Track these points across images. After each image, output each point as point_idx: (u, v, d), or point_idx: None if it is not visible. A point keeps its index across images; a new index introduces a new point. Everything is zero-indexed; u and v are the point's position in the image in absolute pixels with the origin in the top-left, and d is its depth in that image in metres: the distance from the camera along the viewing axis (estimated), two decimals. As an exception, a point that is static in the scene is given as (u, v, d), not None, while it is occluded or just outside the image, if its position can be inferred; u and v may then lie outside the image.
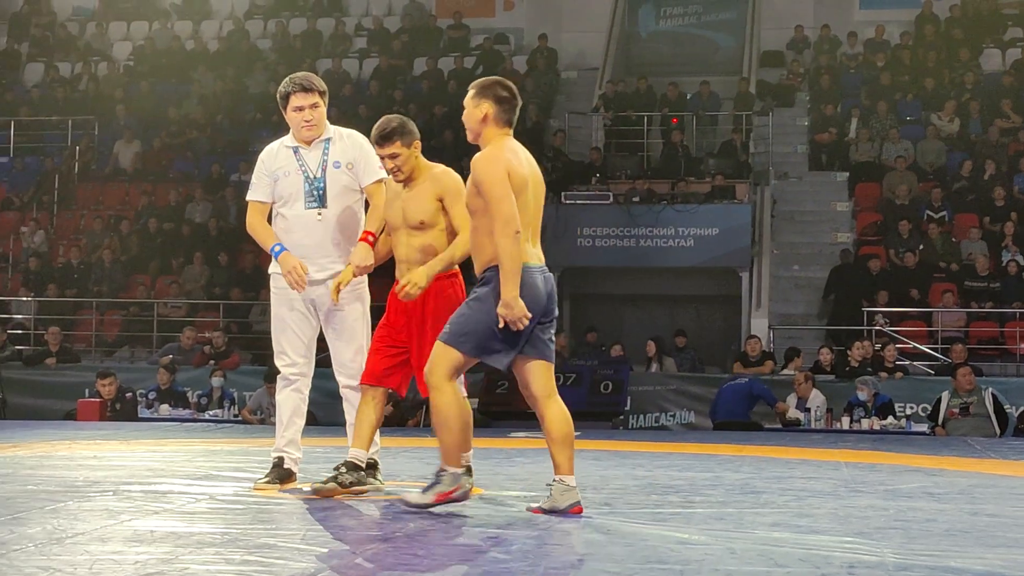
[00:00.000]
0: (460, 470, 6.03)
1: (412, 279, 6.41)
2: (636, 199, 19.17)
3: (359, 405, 6.69)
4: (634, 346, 18.13)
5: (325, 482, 6.55)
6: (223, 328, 17.87)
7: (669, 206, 19.15)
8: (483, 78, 6.27)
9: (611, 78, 22.98)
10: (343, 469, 6.59)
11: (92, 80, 24.77)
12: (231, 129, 23.12)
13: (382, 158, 6.60)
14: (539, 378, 6.09)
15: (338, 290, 6.72)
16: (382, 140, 6.55)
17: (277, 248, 6.83)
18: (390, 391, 6.72)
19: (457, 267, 6.65)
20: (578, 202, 19.04)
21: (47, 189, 22.16)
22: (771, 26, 24.10)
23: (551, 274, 6.15)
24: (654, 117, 21.84)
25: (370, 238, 6.74)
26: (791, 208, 20.79)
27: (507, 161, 5.93)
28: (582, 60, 24.86)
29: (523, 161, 6.03)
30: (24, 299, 19.53)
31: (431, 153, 7.21)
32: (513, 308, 5.80)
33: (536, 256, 6.02)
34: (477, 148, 6.16)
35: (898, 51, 23.26)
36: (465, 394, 6.14)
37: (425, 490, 6.05)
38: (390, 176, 6.64)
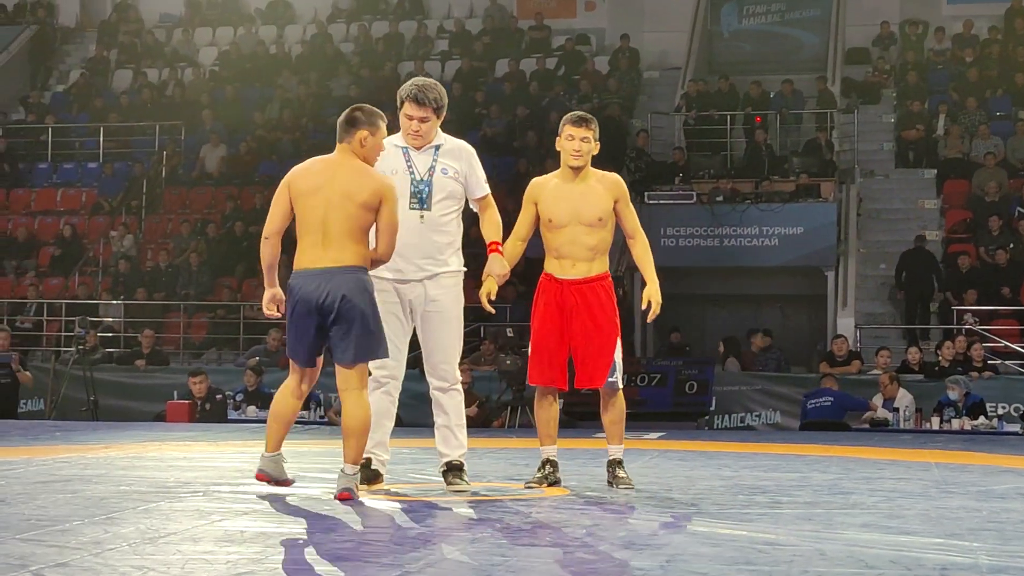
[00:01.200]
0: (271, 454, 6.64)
1: (656, 299, 6.94)
2: (719, 198, 19.06)
3: (536, 407, 7.09)
4: (717, 346, 18.04)
5: (537, 482, 6.93)
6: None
7: (753, 205, 19.02)
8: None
9: (693, 77, 22.87)
10: (549, 468, 7.01)
11: (178, 86, 25.07)
12: (315, 132, 23.28)
13: (572, 138, 6.95)
14: (338, 376, 6.49)
15: (486, 299, 6.92)
16: (580, 121, 7.00)
17: None
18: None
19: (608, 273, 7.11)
20: (661, 202, 18.96)
21: (135, 194, 22.46)
22: (856, 23, 23.87)
23: (338, 276, 6.33)
24: (737, 116, 21.71)
25: (499, 248, 6.96)
26: (878, 206, 20.57)
27: (292, 174, 6.56)
28: (664, 60, 24.76)
29: (315, 171, 6.53)
30: (113, 302, 19.81)
31: (514, 152, 7.32)
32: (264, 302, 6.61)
33: (315, 260, 6.34)
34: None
35: (987, 46, 22.93)
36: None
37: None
38: (571, 158, 6.95)
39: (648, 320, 7.05)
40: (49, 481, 7.25)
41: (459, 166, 6.94)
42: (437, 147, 6.96)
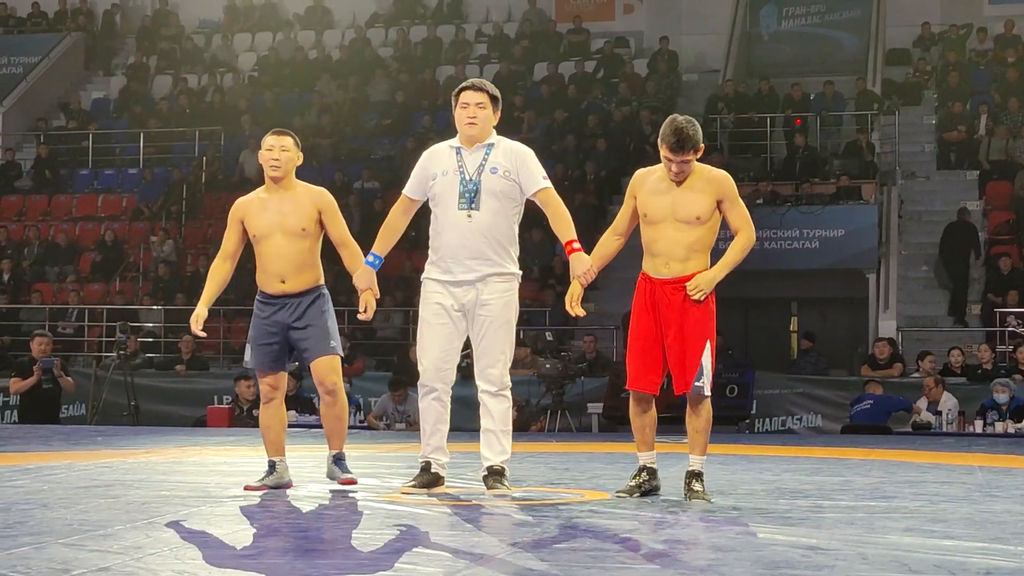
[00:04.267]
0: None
1: (700, 286, 6.58)
2: (760, 201, 18.99)
3: (632, 412, 6.83)
4: (759, 350, 17.95)
5: (628, 491, 6.78)
6: (347, 334, 18.02)
7: (793, 208, 18.93)
8: None
9: (732, 79, 22.80)
10: (645, 475, 6.79)
11: (218, 91, 25.19)
12: (354, 137, 23.35)
13: (671, 161, 6.63)
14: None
15: (571, 303, 6.78)
16: (679, 148, 6.61)
17: (371, 258, 7.03)
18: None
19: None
20: (701, 205, 18.87)
21: (175, 199, 22.57)
22: (897, 23, 23.75)
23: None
24: (777, 118, 21.62)
25: (575, 245, 6.76)
26: (919, 208, 20.45)
27: None
28: (703, 62, 24.70)
29: None
30: (153, 308, 19.91)
31: (553, 156, 7.27)
32: None
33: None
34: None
35: (1029, 46, 22.78)
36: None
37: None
38: (674, 177, 6.64)
39: (690, 294, 6.58)
40: (91, 486, 7.29)
41: (509, 164, 6.89)
42: (490, 145, 6.94)
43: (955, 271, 18.71)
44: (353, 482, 7.15)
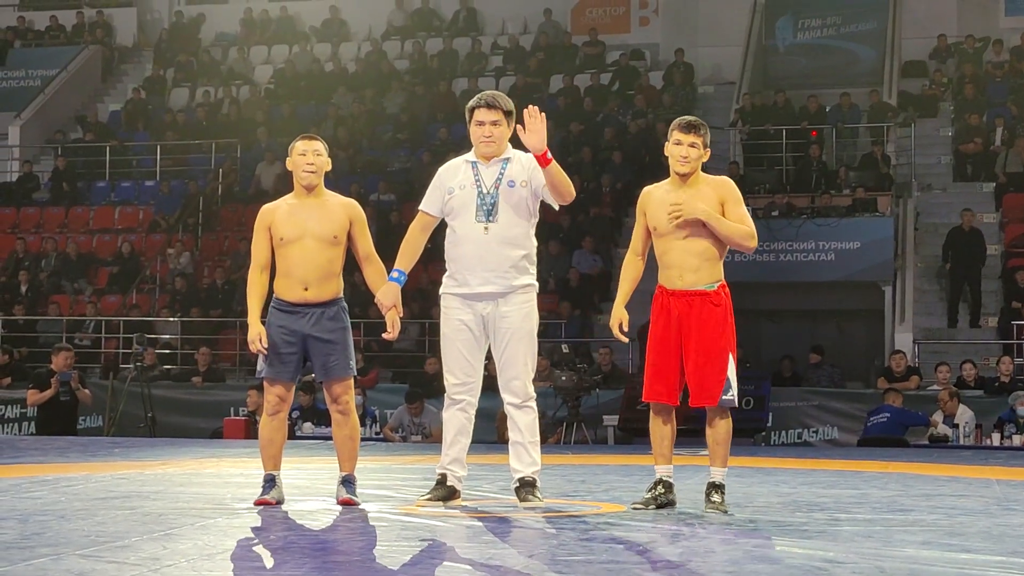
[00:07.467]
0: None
1: (692, 206, 6.67)
2: (775, 213, 18.97)
3: (651, 424, 6.87)
4: (774, 362, 17.93)
5: (644, 503, 6.82)
6: (362, 347, 18.05)
7: (809, 220, 18.92)
8: None
9: (748, 91, 22.79)
10: (661, 489, 6.82)
11: (234, 104, 25.26)
12: (370, 149, 23.39)
13: (680, 143, 6.81)
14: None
15: (619, 328, 6.86)
16: (689, 128, 6.86)
17: (395, 274, 6.96)
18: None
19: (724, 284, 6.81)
20: (717, 217, 18.86)
21: (192, 211, 22.63)
22: (912, 35, 23.73)
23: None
24: (793, 130, 21.61)
25: (549, 157, 6.76)
26: (935, 220, 20.41)
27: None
28: (719, 74, 24.71)
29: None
30: (170, 320, 19.96)
31: (569, 169, 7.26)
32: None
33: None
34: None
35: (1046, 58, 22.74)
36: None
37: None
38: (679, 163, 6.80)
39: (669, 214, 6.68)
40: (108, 497, 7.30)
41: (526, 175, 6.90)
42: (506, 160, 6.95)
43: (962, 277, 18.68)
44: (352, 503, 6.90)
